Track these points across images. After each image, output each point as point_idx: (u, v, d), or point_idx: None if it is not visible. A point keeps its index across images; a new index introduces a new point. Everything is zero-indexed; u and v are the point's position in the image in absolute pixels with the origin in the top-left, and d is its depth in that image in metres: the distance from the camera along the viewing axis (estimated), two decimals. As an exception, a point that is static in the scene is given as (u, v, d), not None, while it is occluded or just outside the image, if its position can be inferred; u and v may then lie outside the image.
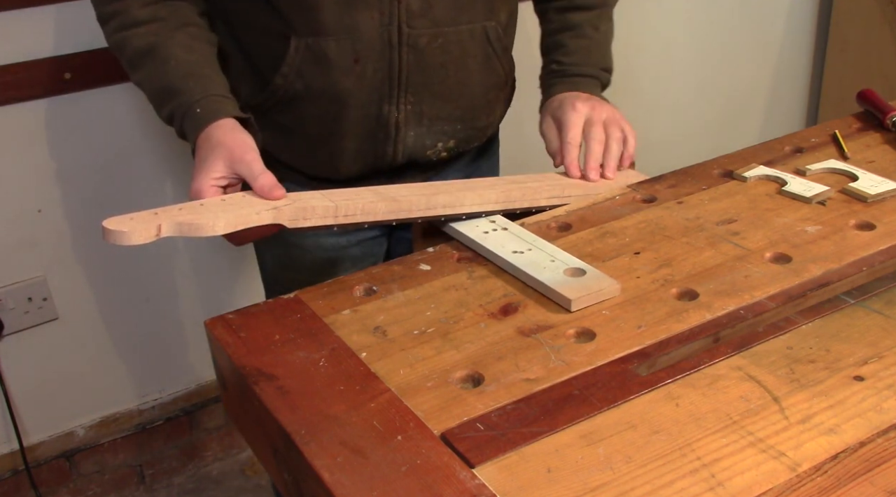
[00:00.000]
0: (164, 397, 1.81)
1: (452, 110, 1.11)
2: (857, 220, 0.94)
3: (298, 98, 1.05)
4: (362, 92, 1.05)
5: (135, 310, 1.70)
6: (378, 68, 1.04)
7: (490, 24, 1.09)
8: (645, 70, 2.20)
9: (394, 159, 1.11)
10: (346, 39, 1.01)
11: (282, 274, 1.25)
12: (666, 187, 1.04)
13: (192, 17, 1.03)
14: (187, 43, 1.00)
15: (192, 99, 0.97)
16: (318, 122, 1.07)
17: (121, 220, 0.80)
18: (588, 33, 1.18)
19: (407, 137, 1.10)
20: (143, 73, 1.01)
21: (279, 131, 1.10)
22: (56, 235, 1.56)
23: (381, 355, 0.74)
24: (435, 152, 1.14)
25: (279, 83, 1.04)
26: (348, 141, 1.08)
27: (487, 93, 1.14)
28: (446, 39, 1.05)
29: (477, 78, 1.11)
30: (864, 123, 1.21)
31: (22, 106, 1.45)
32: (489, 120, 1.18)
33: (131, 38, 1.00)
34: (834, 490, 0.58)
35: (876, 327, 0.76)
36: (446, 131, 1.13)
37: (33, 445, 1.69)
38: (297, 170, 1.13)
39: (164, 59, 0.99)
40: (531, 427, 0.65)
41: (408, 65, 1.04)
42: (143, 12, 1.00)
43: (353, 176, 1.12)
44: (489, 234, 0.92)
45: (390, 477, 0.60)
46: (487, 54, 1.10)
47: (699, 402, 0.67)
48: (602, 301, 0.81)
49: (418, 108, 1.08)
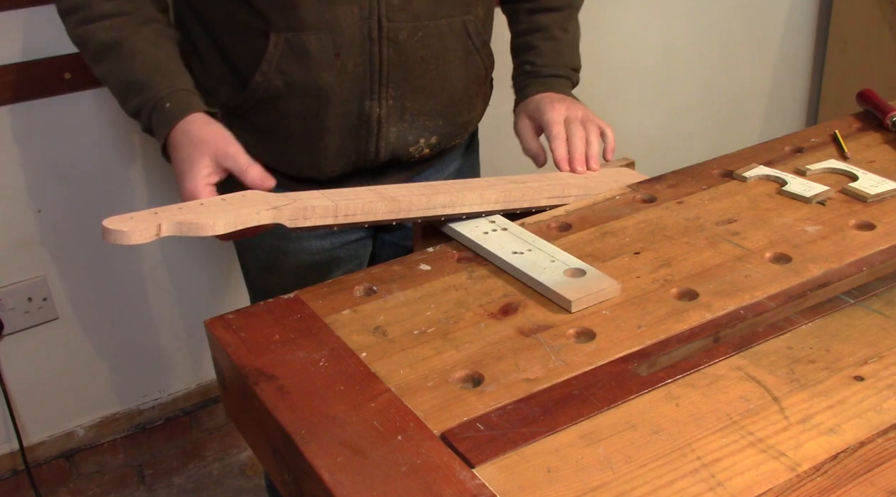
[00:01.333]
0: (164, 397, 1.81)
1: (434, 105, 1.12)
2: (857, 220, 0.94)
3: (279, 96, 1.05)
4: (343, 87, 1.04)
5: (135, 310, 1.70)
6: (359, 62, 1.04)
7: (469, 18, 1.10)
8: (645, 70, 2.20)
9: (376, 157, 1.11)
10: (326, 33, 1.01)
11: (266, 278, 1.25)
12: (666, 187, 1.04)
13: (155, 13, 1.04)
14: (153, 38, 1.01)
15: (161, 93, 0.98)
16: (299, 119, 1.07)
17: (121, 220, 0.80)
18: (557, 35, 1.21)
19: (389, 133, 1.10)
20: (108, 67, 1.01)
21: (259, 133, 1.09)
22: (56, 235, 1.56)
23: (381, 355, 0.74)
24: (417, 149, 1.14)
25: (259, 81, 1.04)
26: (330, 138, 1.08)
27: (468, 87, 1.15)
28: (426, 33, 1.06)
29: (458, 72, 1.12)
30: (864, 123, 1.21)
31: (22, 106, 1.45)
32: (470, 115, 1.19)
33: (96, 31, 1.00)
34: (834, 490, 0.58)
35: (876, 327, 0.76)
36: (428, 127, 1.13)
37: (33, 445, 1.69)
38: (279, 171, 1.11)
39: (130, 54, 0.99)
40: (531, 427, 0.65)
41: (388, 59, 1.05)
42: (108, 6, 1.00)
43: (335, 175, 1.12)
44: (489, 234, 0.92)
45: (390, 477, 0.60)
46: (467, 48, 1.11)
47: (699, 402, 0.67)
48: (602, 301, 0.81)
49: (400, 103, 1.08)
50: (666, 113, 2.28)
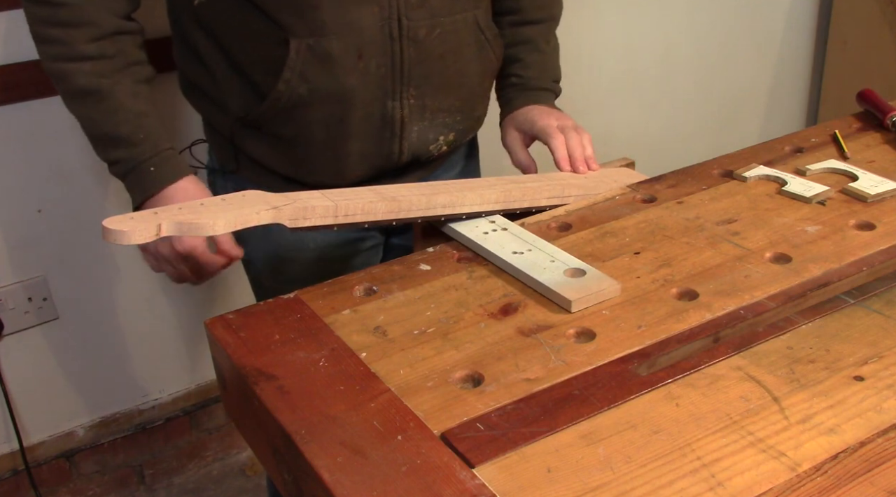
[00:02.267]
0: (164, 397, 1.81)
1: (453, 101, 1.12)
2: (857, 220, 0.94)
3: (301, 103, 1.04)
4: (367, 89, 1.04)
5: (135, 310, 1.70)
6: (381, 63, 1.04)
7: (480, 13, 1.11)
8: (645, 70, 2.20)
9: (399, 158, 1.11)
10: (348, 36, 1.01)
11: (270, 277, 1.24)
12: (666, 187, 1.04)
13: (135, 53, 1.04)
14: (133, 89, 1.02)
15: (144, 156, 1.02)
16: (322, 126, 1.06)
17: (121, 220, 0.80)
18: (541, 47, 1.23)
19: (411, 133, 1.10)
20: (86, 112, 1.02)
21: (279, 143, 1.08)
22: (56, 235, 1.56)
23: (381, 355, 0.74)
24: (437, 147, 1.14)
25: (282, 89, 1.02)
26: (354, 142, 1.08)
27: (483, 81, 1.17)
28: (443, 29, 1.06)
29: (473, 66, 1.13)
30: (864, 123, 1.21)
31: (22, 106, 1.45)
32: (483, 109, 1.21)
33: (75, 73, 0.99)
34: (834, 490, 0.58)
35: (876, 327, 0.76)
36: (447, 123, 1.13)
37: (33, 445, 1.69)
38: (299, 181, 1.11)
39: (110, 108, 1.01)
40: (531, 427, 0.65)
41: (409, 58, 1.05)
42: (90, 48, 0.99)
43: (357, 180, 1.11)
44: (489, 234, 0.92)
45: (390, 477, 0.60)
46: (480, 42, 1.12)
47: (699, 402, 0.67)
48: (602, 301, 0.81)
49: (421, 101, 1.09)
50: (666, 113, 2.28)
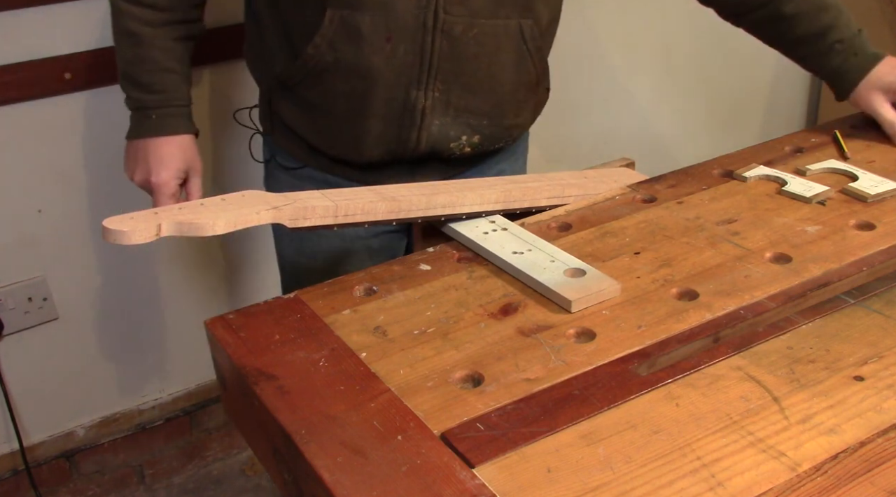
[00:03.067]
0: (164, 397, 1.81)
1: (480, 104, 1.11)
2: (857, 220, 0.94)
3: (328, 71, 1.06)
4: (391, 72, 1.05)
5: (135, 310, 1.70)
6: (409, 50, 1.04)
7: (526, 23, 1.08)
8: (645, 70, 2.20)
9: (416, 147, 1.11)
10: (380, 16, 1.01)
11: (298, 260, 1.26)
12: (666, 187, 1.04)
13: (188, 10, 1.13)
14: (169, 45, 1.11)
15: (152, 104, 1.11)
16: (344, 99, 1.08)
17: (121, 220, 0.80)
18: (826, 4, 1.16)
19: (432, 125, 1.10)
20: (122, 50, 1.12)
21: (306, 108, 1.12)
22: (56, 235, 1.56)
23: (381, 355, 0.74)
24: (458, 146, 1.13)
25: (310, 53, 1.05)
26: (373, 122, 1.09)
27: (517, 91, 1.14)
28: (481, 31, 1.05)
29: (508, 75, 1.11)
30: (864, 123, 1.21)
31: (22, 106, 1.45)
32: (516, 120, 1.18)
33: (126, 14, 1.09)
34: (834, 490, 0.58)
35: (876, 327, 0.76)
36: (472, 125, 1.12)
37: (33, 445, 1.68)
38: (321, 151, 1.15)
39: (142, 57, 1.10)
40: (531, 427, 0.65)
41: (440, 51, 1.05)
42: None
43: (374, 160, 1.12)
44: (489, 234, 0.92)
45: (390, 477, 0.60)
46: (521, 52, 1.10)
47: (699, 402, 0.67)
48: (602, 301, 0.81)
49: (446, 96, 1.09)
50: (666, 113, 2.28)
